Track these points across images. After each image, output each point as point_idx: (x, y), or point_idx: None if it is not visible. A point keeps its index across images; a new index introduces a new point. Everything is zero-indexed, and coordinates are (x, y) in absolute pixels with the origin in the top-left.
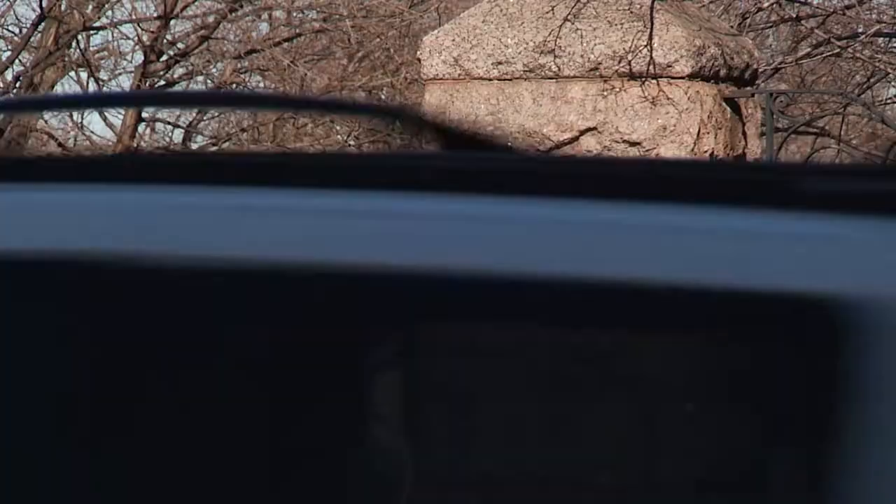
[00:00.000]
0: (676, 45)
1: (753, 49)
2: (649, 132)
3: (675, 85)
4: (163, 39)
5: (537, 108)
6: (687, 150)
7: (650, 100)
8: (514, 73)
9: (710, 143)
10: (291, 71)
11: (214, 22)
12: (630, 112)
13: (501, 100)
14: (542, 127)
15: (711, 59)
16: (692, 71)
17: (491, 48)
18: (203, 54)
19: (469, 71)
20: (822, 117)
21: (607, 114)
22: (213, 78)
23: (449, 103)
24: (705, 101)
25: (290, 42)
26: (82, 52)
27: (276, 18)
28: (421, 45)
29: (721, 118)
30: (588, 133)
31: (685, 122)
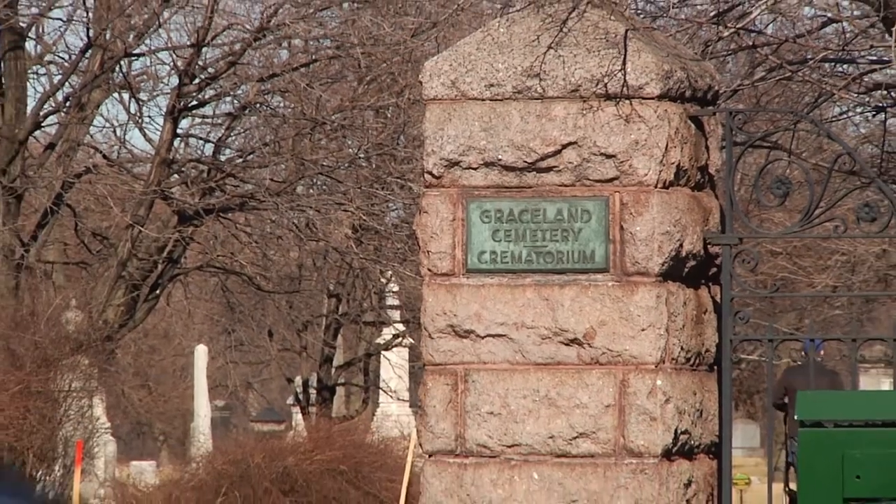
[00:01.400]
0: (647, 70)
1: (715, 73)
2: (623, 146)
3: (646, 104)
4: (195, 64)
5: (524, 124)
6: (657, 161)
7: (624, 117)
8: (504, 93)
9: (676, 156)
10: (308, 92)
11: (241, 49)
12: (606, 128)
13: (493, 117)
14: (528, 141)
15: (678, 82)
16: (661, 92)
17: (484, 72)
18: (230, 77)
19: (465, 92)
20: (775, 133)
21: (586, 130)
22: (239, 98)
23: (447, 120)
24: (673, 118)
25: (306, 67)
26: (124, 76)
27: (294, 46)
28: (422, 70)
29: (686, 133)
30: (569, 147)
31: (655, 136)
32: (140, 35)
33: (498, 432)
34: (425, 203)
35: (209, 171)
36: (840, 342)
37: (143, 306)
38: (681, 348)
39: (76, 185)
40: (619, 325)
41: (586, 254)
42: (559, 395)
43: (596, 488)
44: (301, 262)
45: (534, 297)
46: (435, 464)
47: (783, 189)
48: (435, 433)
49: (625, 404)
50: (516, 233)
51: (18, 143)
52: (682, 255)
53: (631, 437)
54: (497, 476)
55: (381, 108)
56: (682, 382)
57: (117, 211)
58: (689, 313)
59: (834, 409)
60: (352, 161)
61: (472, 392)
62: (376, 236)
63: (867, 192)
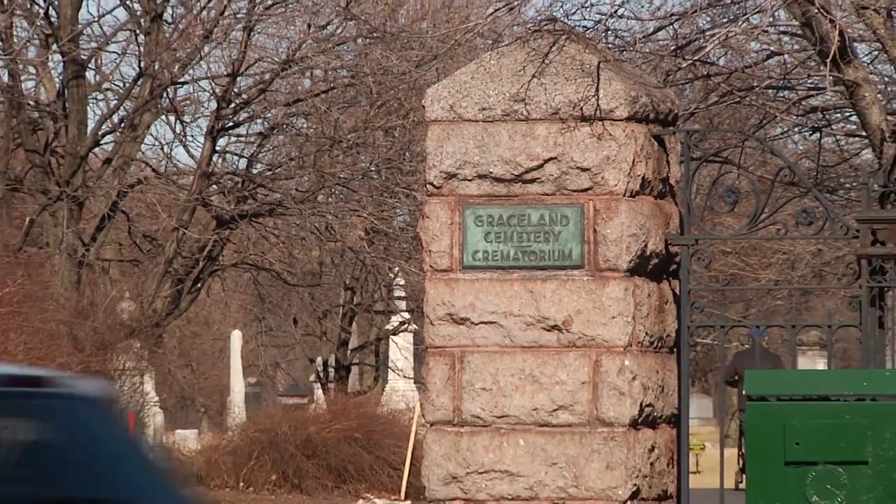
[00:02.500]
0: (617, 96)
1: (675, 98)
2: (596, 161)
3: (616, 125)
4: (231, 91)
5: (512, 142)
6: (625, 174)
7: (597, 136)
8: (495, 116)
9: (642, 170)
10: (327, 115)
11: (270, 78)
12: (582, 145)
13: (485, 136)
14: (515, 156)
15: (643, 106)
16: (629, 115)
17: (477, 97)
18: (261, 102)
19: (461, 115)
20: (726, 149)
21: (565, 147)
22: (269, 120)
23: (446, 139)
24: (639, 137)
25: (326, 93)
26: (171, 101)
27: (315, 76)
28: (425, 96)
29: (650, 150)
30: (550, 161)
31: (623, 153)
32: (184, 66)
33: (489, 405)
34: (427, 209)
35: (243, 182)
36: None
37: (186, 297)
38: (645, 333)
39: (129, 194)
40: (593, 313)
41: (565, 253)
42: (542, 373)
43: (573, 453)
44: (321, 260)
45: (520, 289)
46: (436, 432)
47: (733, 197)
48: (435, 406)
49: (598, 381)
50: (505, 235)
51: (80, 159)
52: (647, 254)
53: (603, 410)
54: (489, 443)
55: (390, 129)
56: (646, 363)
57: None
58: (652, 304)
59: (776, 385)
60: (365, 174)
61: (468, 371)
62: (385, 238)
63: (805, 200)
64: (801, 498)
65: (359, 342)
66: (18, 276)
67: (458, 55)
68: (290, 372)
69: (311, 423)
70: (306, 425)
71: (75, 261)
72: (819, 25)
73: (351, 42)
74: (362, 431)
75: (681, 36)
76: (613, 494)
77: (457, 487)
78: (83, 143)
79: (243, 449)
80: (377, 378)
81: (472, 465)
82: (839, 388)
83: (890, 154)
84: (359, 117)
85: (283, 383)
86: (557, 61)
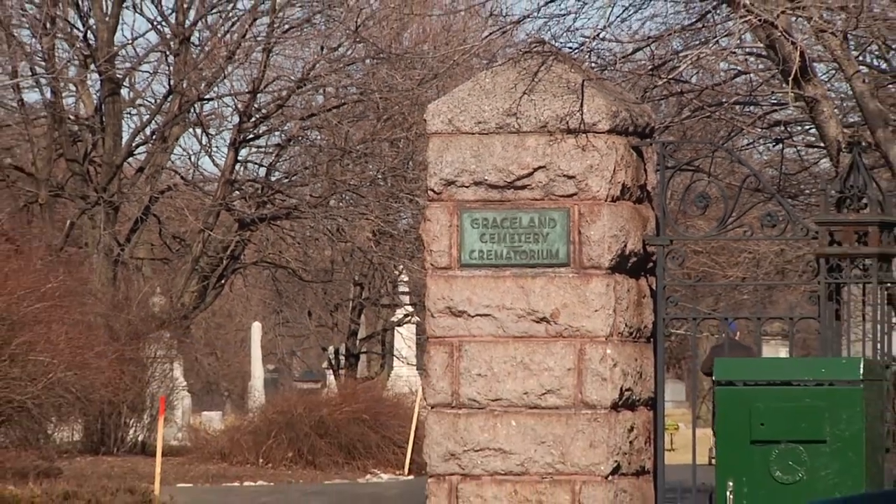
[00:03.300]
0: (599, 111)
1: (651, 113)
2: (581, 169)
3: (598, 137)
4: (252, 107)
5: (505, 152)
6: (607, 181)
7: (581, 147)
8: (489, 129)
9: (622, 177)
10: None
11: (286, 95)
12: (568, 155)
13: (481, 147)
14: (508, 165)
15: (623, 120)
16: (610, 128)
17: (473, 112)
18: (278, 117)
19: (459, 128)
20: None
21: (552, 157)
22: (286, 133)
23: (445, 150)
24: (619, 148)
25: (337, 108)
26: (197, 116)
27: (328, 93)
28: (426, 111)
29: (630, 160)
30: (539, 170)
31: (605, 162)
32: (209, 84)
33: (484, 389)
34: (428, 213)
35: (262, 189)
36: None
37: (211, 292)
38: (625, 325)
39: (160, 200)
40: (578, 307)
41: (552, 252)
42: (531, 360)
43: (560, 432)
44: (333, 259)
45: (512, 285)
46: (436, 414)
47: (704, 202)
48: (436, 390)
49: (582, 368)
50: (498, 236)
51: (115, 167)
52: (626, 253)
53: (587, 393)
54: (484, 423)
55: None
56: (626, 351)
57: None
58: (631, 298)
59: (743, 372)
60: (372, 181)
61: (465, 358)
62: (391, 239)
63: (769, 204)
64: (766, 473)
65: (367, 333)
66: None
67: (457, 74)
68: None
69: (323, 405)
70: (319, 408)
71: (111, 259)
72: (782, 47)
73: (360, 62)
74: (370, 413)
75: (657, 56)
76: (596, 470)
77: (455, 464)
78: (118, 154)
79: (262, 429)
80: (383, 365)
81: (469, 444)
82: (800, 374)
83: (846, 163)
84: (367, 130)
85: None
86: (546, 80)
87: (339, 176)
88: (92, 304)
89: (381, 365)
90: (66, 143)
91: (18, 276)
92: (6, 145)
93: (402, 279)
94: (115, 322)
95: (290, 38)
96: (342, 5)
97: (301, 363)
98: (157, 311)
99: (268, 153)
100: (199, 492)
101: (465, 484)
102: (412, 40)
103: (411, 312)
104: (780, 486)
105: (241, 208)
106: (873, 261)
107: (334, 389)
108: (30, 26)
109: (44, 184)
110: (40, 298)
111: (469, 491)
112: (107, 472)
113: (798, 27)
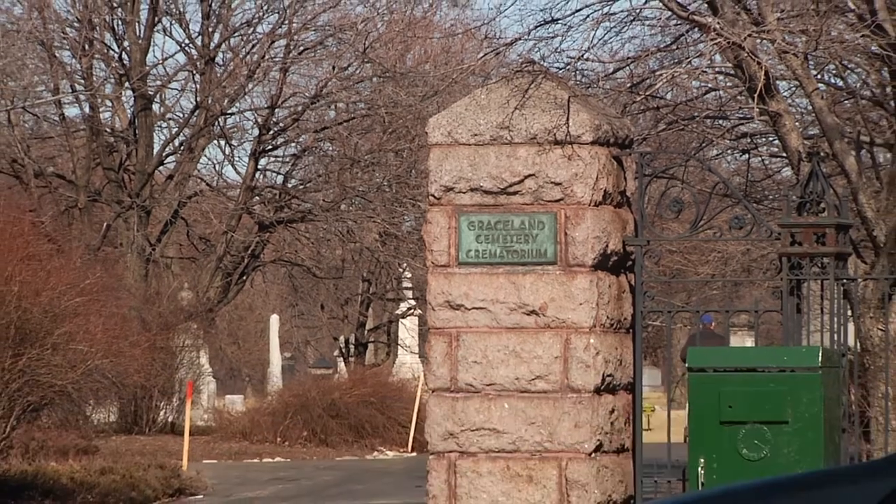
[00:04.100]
0: (583, 124)
1: (630, 126)
2: (567, 177)
3: (583, 148)
4: (270, 121)
5: (498, 161)
6: (590, 188)
7: (567, 157)
8: (484, 140)
9: (604, 184)
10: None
11: (301, 109)
12: (555, 164)
13: (476, 157)
14: (501, 173)
15: (605, 132)
16: (593, 139)
17: (470, 125)
18: (294, 129)
19: (457, 139)
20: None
21: (541, 165)
22: (301, 144)
23: (444, 159)
24: (601, 157)
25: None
26: (221, 128)
27: (339, 108)
28: (427, 124)
29: (611, 168)
30: (529, 177)
31: (589, 170)
32: (232, 100)
33: (480, 375)
34: (429, 216)
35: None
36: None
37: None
38: (607, 317)
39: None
40: (564, 301)
41: (541, 251)
42: (522, 349)
43: (548, 414)
44: (343, 257)
45: (504, 281)
46: (436, 397)
47: (678, 207)
48: (436, 376)
49: (568, 356)
50: (492, 237)
51: (147, 175)
52: (608, 253)
53: (572, 379)
54: (479, 405)
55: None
56: (608, 341)
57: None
58: (612, 293)
59: (713, 359)
60: (378, 187)
61: (462, 347)
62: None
63: (736, 209)
64: (734, 451)
65: (374, 324)
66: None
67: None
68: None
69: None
70: (331, 392)
71: (143, 258)
72: (748, 67)
73: (367, 81)
74: (377, 397)
75: (635, 75)
76: (581, 447)
77: (453, 442)
78: (150, 163)
79: (280, 411)
80: (389, 353)
81: (466, 424)
82: (764, 362)
83: (805, 172)
84: (374, 142)
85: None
86: (535, 96)
87: (349, 183)
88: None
89: (387, 353)
90: (102, 153)
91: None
92: (49, 155)
93: (406, 276)
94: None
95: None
96: (351, 29)
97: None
98: (185, 304)
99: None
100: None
101: (463, 460)
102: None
103: (414, 306)
104: (747, 463)
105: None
106: (830, 259)
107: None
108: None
109: (83, 190)
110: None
111: (466, 467)
112: (139, 449)
113: (763, 49)
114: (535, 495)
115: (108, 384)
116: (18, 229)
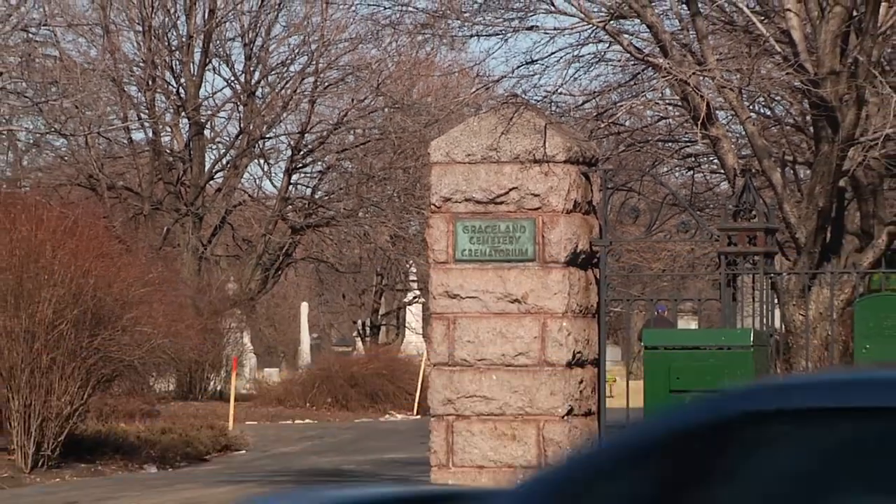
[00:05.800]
0: (557, 146)
1: (596, 148)
2: (544, 189)
3: (557, 166)
4: (301, 143)
5: (488, 177)
6: (563, 198)
7: (544, 173)
8: (476, 160)
9: (574, 195)
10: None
11: (326, 134)
12: (534, 179)
13: (469, 173)
14: (490, 186)
15: (575, 153)
16: (565, 159)
17: (465, 147)
18: (321, 150)
19: (454, 159)
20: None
21: (523, 180)
22: (325, 162)
23: (443, 175)
24: (572, 173)
25: (363, 145)
26: (261, 150)
27: (357, 133)
28: (429, 146)
29: (580, 182)
30: (513, 190)
31: (562, 184)
32: (269, 126)
33: (472, 352)
34: (431, 222)
35: (309, 204)
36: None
37: (271, 280)
38: (577, 304)
39: (233, 212)
40: (542, 291)
41: (523, 251)
42: (507, 331)
43: (528, 384)
44: (360, 255)
45: (493, 276)
46: (437, 370)
47: (635, 214)
48: (437, 352)
49: (545, 336)
50: (483, 239)
51: (200, 188)
52: (578, 252)
53: (548, 355)
54: (472, 377)
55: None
56: (578, 324)
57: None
58: (581, 285)
59: (664, 339)
60: (390, 198)
61: (458, 329)
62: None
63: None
64: None
65: (385, 310)
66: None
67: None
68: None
69: (353, 364)
70: (350, 365)
71: (197, 256)
72: (692, 99)
73: (380, 111)
74: (388, 370)
75: (600, 106)
76: (555, 412)
77: (451, 407)
78: (202, 178)
79: (309, 381)
80: (398, 334)
81: (461, 392)
82: (706, 341)
83: (740, 185)
84: (385, 161)
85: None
86: (518, 123)
87: (365, 194)
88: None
89: (397, 334)
90: (163, 170)
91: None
92: (119, 172)
93: (412, 270)
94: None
95: (329, 93)
96: (367, 68)
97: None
98: (231, 294)
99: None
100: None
101: (459, 422)
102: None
103: (419, 295)
104: None
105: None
106: (760, 257)
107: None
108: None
109: (147, 200)
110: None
111: (461, 427)
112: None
113: (705, 84)
114: (518, 450)
115: (167, 359)
116: (94, 232)
